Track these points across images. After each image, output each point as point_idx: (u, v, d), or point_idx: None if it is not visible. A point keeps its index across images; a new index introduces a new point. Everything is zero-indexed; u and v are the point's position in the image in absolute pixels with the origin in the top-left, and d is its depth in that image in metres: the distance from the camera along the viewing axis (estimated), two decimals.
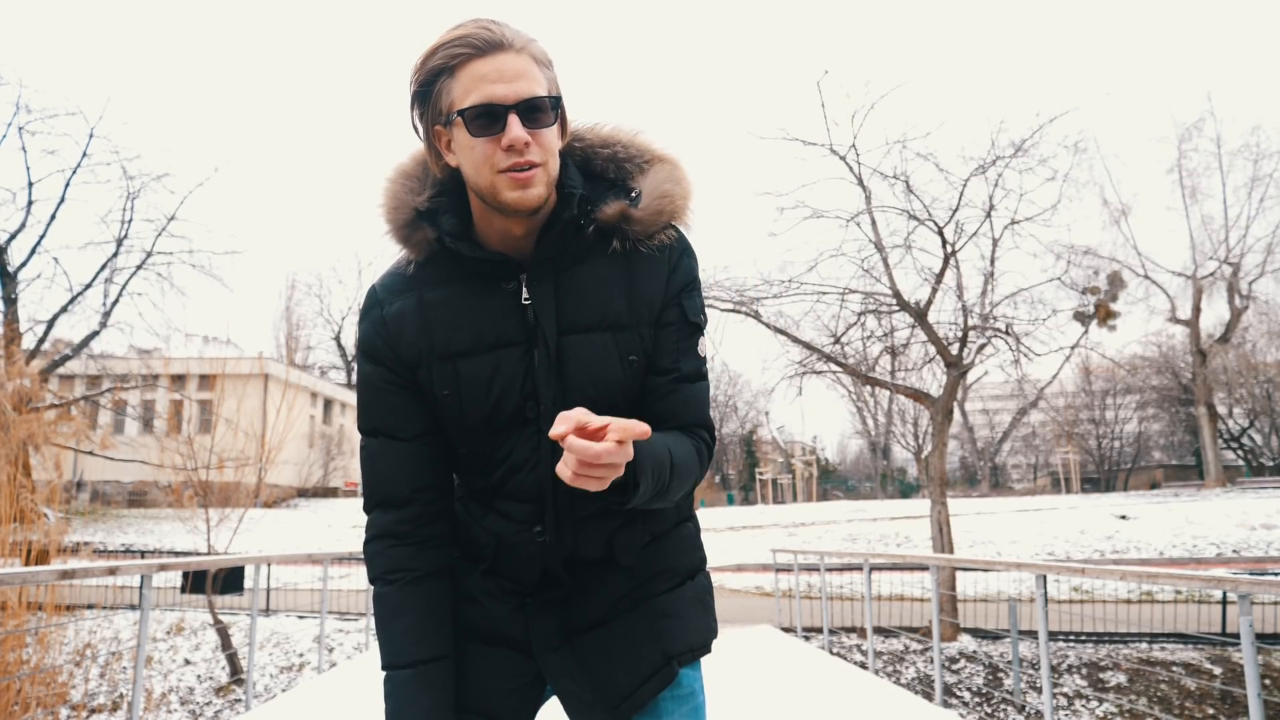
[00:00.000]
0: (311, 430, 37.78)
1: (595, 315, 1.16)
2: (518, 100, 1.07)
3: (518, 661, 1.24)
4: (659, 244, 1.20)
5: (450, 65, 1.08)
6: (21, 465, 10.32)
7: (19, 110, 17.83)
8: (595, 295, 1.17)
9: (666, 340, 1.21)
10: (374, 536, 1.22)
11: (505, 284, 1.16)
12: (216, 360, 21.14)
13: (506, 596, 1.24)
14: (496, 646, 1.24)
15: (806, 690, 6.14)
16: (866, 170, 11.89)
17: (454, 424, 1.19)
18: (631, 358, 1.18)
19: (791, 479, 50.95)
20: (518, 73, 1.07)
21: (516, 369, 1.15)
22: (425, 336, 1.17)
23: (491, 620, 1.25)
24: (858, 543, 20.69)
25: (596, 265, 1.18)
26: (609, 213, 1.18)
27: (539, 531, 1.19)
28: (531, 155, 1.08)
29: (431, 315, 1.17)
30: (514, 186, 1.09)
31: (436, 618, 1.20)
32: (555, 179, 1.13)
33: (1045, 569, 5.07)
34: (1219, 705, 9.41)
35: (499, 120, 1.07)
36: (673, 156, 1.25)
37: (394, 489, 1.20)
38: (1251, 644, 3.70)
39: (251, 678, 6.40)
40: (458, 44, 1.07)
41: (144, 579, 4.74)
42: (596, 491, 0.99)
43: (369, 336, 1.20)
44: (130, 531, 23.05)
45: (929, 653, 10.64)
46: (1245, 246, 29.24)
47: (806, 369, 12.90)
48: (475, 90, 1.07)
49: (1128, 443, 46.87)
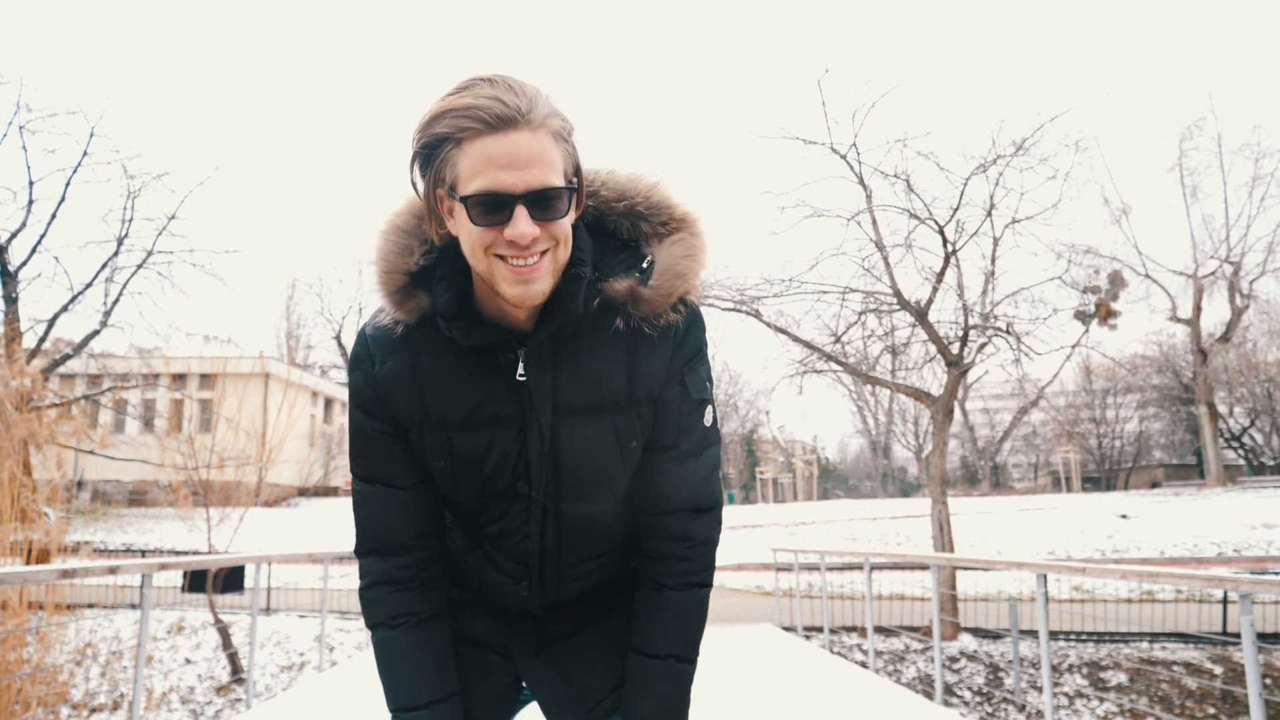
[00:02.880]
0: (312, 429, 37.79)
1: (593, 397, 1.11)
2: (527, 191, 0.97)
3: (498, 664, 1.27)
4: (665, 324, 1.12)
5: (456, 136, 0.97)
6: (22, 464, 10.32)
7: (19, 109, 17.79)
8: (594, 376, 1.11)
9: (668, 418, 1.17)
10: (373, 583, 1.18)
11: (501, 358, 1.10)
12: (217, 359, 21.18)
13: (488, 608, 1.29)
14: (478, 649, 1.27)
15: (807, 689, 6.14)
16: (867, 169, 11.89)
17: (446, 489, 1.17)
18: (632, 443, 1.15)
19: (792, 478, 50.98)
20: (530, 158, 0.97)
21: (511, 447, 1.12)
22: (419, 404, 1.12)
23: (473, 626, 1.28)
24: (858, 542, 20.69)
25: (597, 343, 1.11)
26: (616, 289, 1.10)
27: (524, 586, 1.22)
28: (538, 246, 1.00)
29: (425, 383, 1.11)
30: (515, 282, 1.01)
31: (444, 657, 1.20)
32: (563, 265, 1.05)
33: (1046, 568, 5.07)
34: (1220, 705, 9.40)
35: (505, 210, 0.97)
36: (693, 218, 1.16)
37: (393, 537, 1.17)
38: (1252, 643, 3.69)
39: (252, 677, 6.40)
40: (466, 114, 0.96)
41: (144, 578, 4.74)
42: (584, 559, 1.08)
43: (360, 388, 1.15)
44: (131, 531, 23.07)
45: (929, 652, 10.64)
46: (1246, 245, 29.21)
47: (807, 368, 12.91)
48: (482, 174, 0.97)
49: (1128, 442, 46.86)
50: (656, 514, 1.20)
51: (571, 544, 1.20)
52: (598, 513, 1.19)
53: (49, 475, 11.37)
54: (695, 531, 1.21)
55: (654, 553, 1.21)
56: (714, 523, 1.23)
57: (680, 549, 1.20)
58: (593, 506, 1.18)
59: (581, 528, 1.19)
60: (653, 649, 1.19)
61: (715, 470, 1.23)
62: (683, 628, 1.20)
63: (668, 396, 1.16)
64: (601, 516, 1.20)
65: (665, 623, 1.19)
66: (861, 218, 11.98)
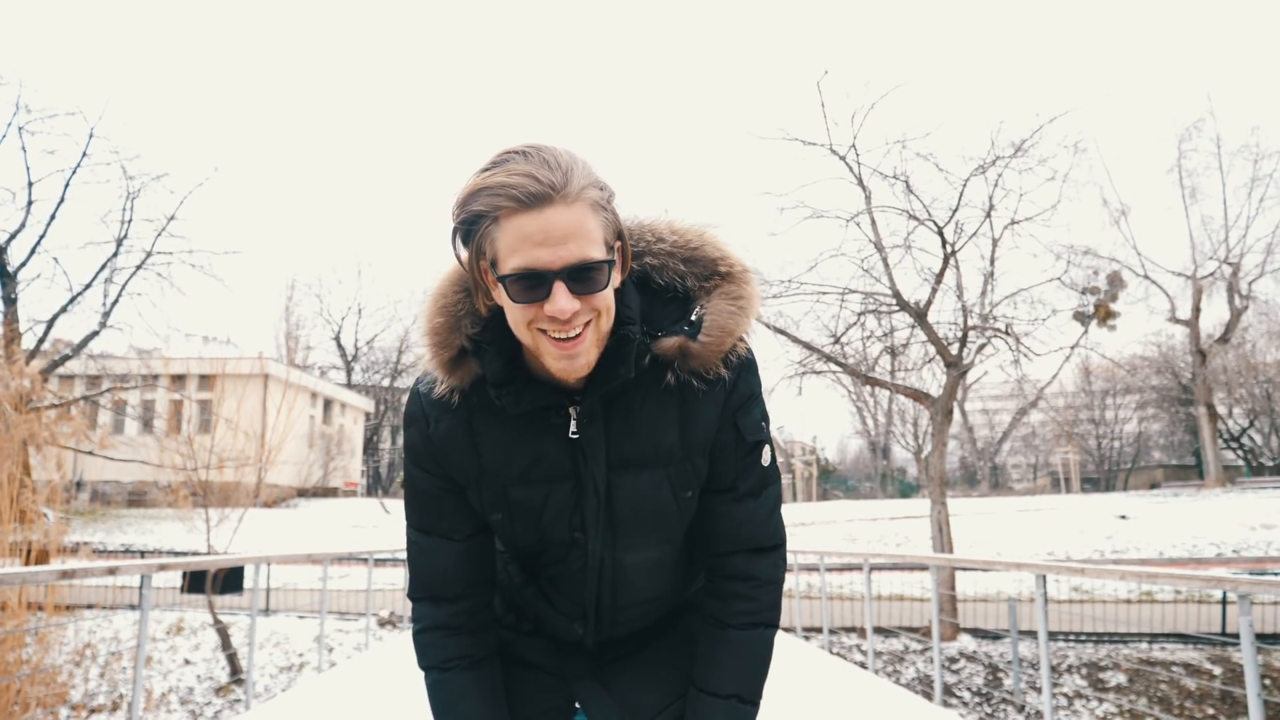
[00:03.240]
0: (311, 430, 37.78)
1: (647, 450, 1.12)
2: (565, 266, 0.97)
3: (552, 684, 1.30)
4: (714, 377, 1.13)
5: (493, 214, 0.98)
6: (22, 465, 10.32)
7: (19, 110, 17.77)
8: (647, 430, 1.12)
9: (724, 461, 1.18)
10: (426, 628, 1.23)
11: (554, 417, 1.12)
12: (216, 360, 21.19)
13: (543, 634, 1.32)
14: (532, 670, 1.31)
15: (806, 690, 6.14)
16: (866, 170, 11.92)
17: (505, 537, 1.21)
18: (687, 493, 1.16)
19: (791, 479, 50.99)
20: (566, 234, 0.97)
21: (566, 501, 1.14)
22: (475, 462, 1.15)
23: (529, 650, 1.31)
24: (857, 542, 20.70)
25: (648, 397, 1.12)
26: (666, 347, 1.11)
27: (579, 625, 1.26)
28: (579, 319, 1.01)
29: (480, 442, 1.14)
30: (560, 357, 1.03)
31: (497, 697, 1.24)
32: (608, 333, 1.06)
33: (1045, 569, 5.07)
34: (1219, 705, 9.41)
35: (543, 286, 0.98)
36: (741, 267, 1.16)
37: (447, 587, 1.21)
38: (1251, 644, 3.69)
39: (251, 677, 6.40)
40: (500, 193, 0.96)
41: (144, 579, 4.74)
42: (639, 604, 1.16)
43: (416, 446, 1.17)
44: (130, 531, 23.06)
45: (929, 652, 10.64)
46: (1245, 246, 29.21)
47: (806, 369, 12.91)
48: (519, 251, 0.97)
49: (1127, 443, 46.91)
50: (719, 554, 1.22)
51: (627, 590, 1.23)
52: (654, 558, 1.22)
53: (48, 476, 11.36)
54: (759, 571, 1.21)
55: (718, 592, 1.23)
56: (778, 561, 1.23)
57: (744, 588, 1.21)
58: (649, 554, 1.21)
59: (637, 575, 1.22)
60: (715, 688, 1.20)
61: (776, 509, 1.23)
62: (746, 668, 1.21)
63: (722, 441, 1.16)
64: (660, 561, 1.23)
65: (728, 663, 1.21)
66: (861, 219, 12.01)
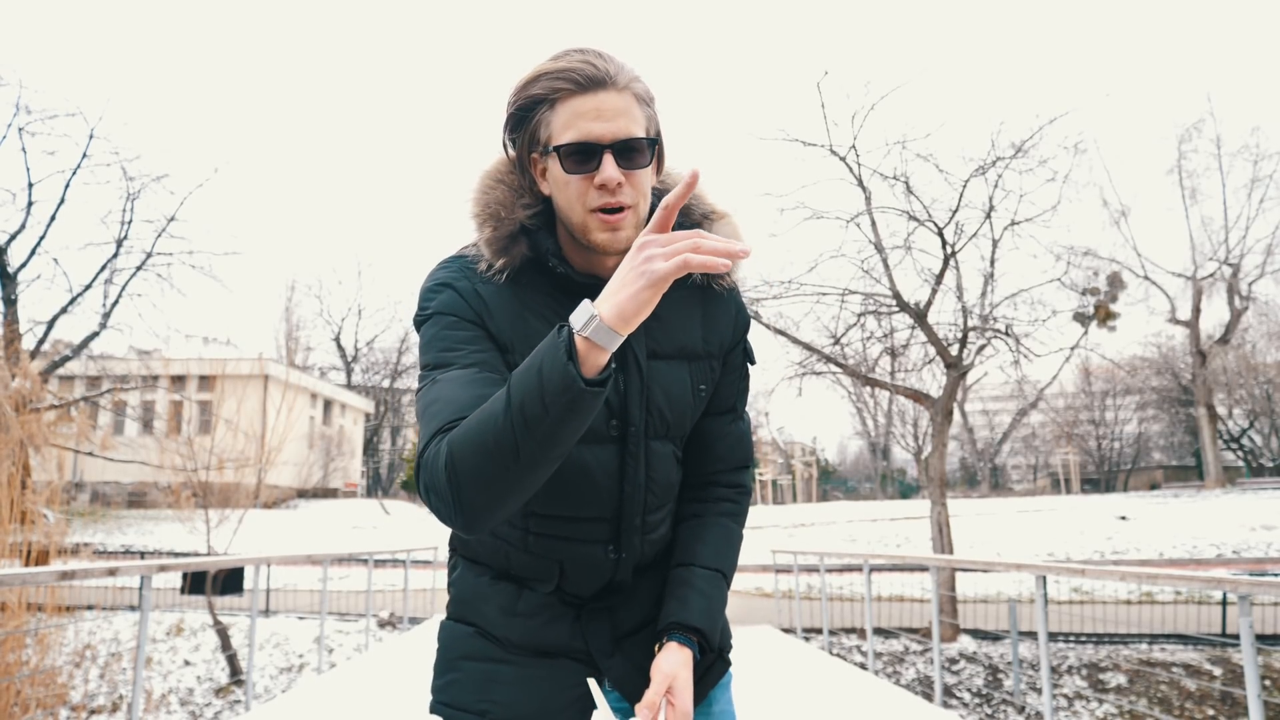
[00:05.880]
0: (311, 431, 37.78)
1: (676, 344, 1.23)
2: (614, 140, 1.07)
3: (575, 669, 1.28)
4: (726, 285, 1.28)
5: (550, 97, 1.08)
6: (22, 466, 10.31)
7: (19, 111, 17.78)
8: (676, 324, 1.23)
9: (733, 383, 1.32)
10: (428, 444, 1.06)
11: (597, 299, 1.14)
12: (216, 361, 21.15)
13: (565, 609, 1.28)
14: (556, 658, 1.28)
15: (807, 691, 6.15)
16: (866, 171, 11.91)
17: None
18: (701, 387, 1.26)
19: (791, 480, 51.03)
20: (617, 111, 1.08)
21: None
22: (521, 328, 1.14)
23: (552, 634, 1.28)
24: (857, 543, 20.71)
25: (675, 294, 1.21)
26: None
27: (611, 549, 1.25)
28: (623, 197, 1.09)
29: (528, 313, 1.16)
30: (604, 228, 1.10)
31: None
32: (644, 220, 1.14)
33: (1045, 570, 5.07)
34: (1219, 706, 9.41)
35: (594, 158, 1.07)
36: (729, 211, 1.28)
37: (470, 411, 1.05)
38: (1251, 645, 3.70)
39: (251, 678, 6.40)
40: (560, 76, 1.07)
41: (144, 580, 4.75)
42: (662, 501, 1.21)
43: (455, 302, 1.14)
44: (130, 532, 23.06)
45: (929, 653, 10.64)
46: (1245, 247, 29.26)
47: (806, 370, 12.91)
48: (573, 126, 1.07)
49: (1127, 443, 46.93)
50: (713, 472, 1.34)
51: (655, 483, 1.26)
52: (670, 455, 1.28)
53: (48, 477, 11.34)
54: (744, 480, 1.37)
55: (704, 498, 1.34)
56: (752, 474, 1.39)
57: (732, 494, 1.34)
58: (667, 448, 1.27)
59: (662, 468, 1.26)
60: (700, 561, 1.27)
61: None
62: (725, 549, 1.30)
63: (734, 360, 1.31)
64: (672, 460, 1.29)
65: (712, 541, 1.29)
66: (861, 219, 12.00)
